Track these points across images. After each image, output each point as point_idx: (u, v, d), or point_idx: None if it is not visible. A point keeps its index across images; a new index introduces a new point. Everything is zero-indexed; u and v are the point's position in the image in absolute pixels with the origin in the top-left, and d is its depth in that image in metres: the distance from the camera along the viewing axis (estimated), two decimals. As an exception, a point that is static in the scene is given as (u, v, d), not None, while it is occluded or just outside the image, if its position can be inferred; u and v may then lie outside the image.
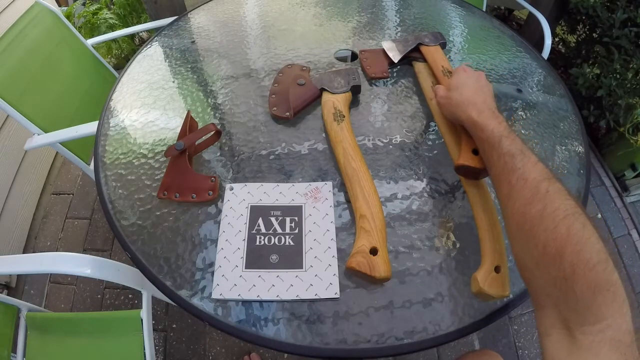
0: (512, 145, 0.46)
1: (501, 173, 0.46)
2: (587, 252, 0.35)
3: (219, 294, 0.51)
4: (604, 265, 0.34)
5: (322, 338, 0.49)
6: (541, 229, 0.38)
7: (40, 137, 0.99)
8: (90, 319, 0.91)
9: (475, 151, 0.56)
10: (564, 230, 0.36)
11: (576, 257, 0.35)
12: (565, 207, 0.38)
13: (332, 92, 0.71)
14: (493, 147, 0.48)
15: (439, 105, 0.64)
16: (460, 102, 0.57)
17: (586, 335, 0.32)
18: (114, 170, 0.66)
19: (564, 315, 0.35)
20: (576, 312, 0.34)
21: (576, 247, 0.35)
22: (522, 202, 0.41)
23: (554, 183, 0.41)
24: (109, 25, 2.03)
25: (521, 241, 0.40)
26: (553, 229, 0.37)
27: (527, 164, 0.44)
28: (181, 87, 0.81)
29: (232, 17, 0.99)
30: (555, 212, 0.38)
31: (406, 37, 0.84)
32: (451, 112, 0.60)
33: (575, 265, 0.34)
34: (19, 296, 1.37)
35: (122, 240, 0.58)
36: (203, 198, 0.60)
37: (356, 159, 0.60)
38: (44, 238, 1.55)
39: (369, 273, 0.48)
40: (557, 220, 0.37)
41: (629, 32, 1.42)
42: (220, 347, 1.27)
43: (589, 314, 0.33)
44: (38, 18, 1.07)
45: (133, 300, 1.38)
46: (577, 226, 0.36)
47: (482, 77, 0.62)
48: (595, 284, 0.33)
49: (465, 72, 0.62)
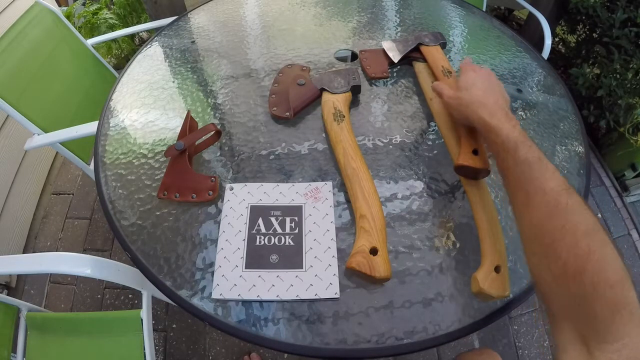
0: (529, 153, 0.45)
1: (517, 181, 0.45)
2: (608, 270, 0.34)
3: (219, 294, 0.51)
4: (623, 284, 0.34)
5: (322, 338, 0.49)
6: (562, 244, 0.37)
7: (40, 137, 0.99)
8: (90, 319, 0.91)
9: (475, 151, 0.56)
10: (585, 247, 0.36)
11: (597, 276, 0.34)
12: (587, 222, 0.37)
13: (332, 92, 0.71)
14: (508, 153, 0.47)
15: (447, 105, 0.61)
16: (470, 103, 0.55)
17: (604, 353, 0.32)
18: (114, 170, 0.66)
19: (582, 332, 0.34)
20: (595, 330, 0.33)
21: (597, 265, 0.35)
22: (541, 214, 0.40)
23: (573, 195, 0.40)
24: (109, 25, 2.03)
25: (539, 255, 0.40)
26: (575, 245, 0.36)
27: (545, 173, 0.43)
28: (181, 87, 0.81)
29: (232, 17, 0.99)
30: (577, 227, 0.37)
31: (406, 37, 0.84)
32: (461, 113, 0.57)
33: (596, 284, 0.34)
34: (19, 296, 1.37)
35: (122, 240, 0.58)
36: (203, 198, 0.60)
37: (356, 159, 0.60)
38: (44, 238, 1.55)
39: (369, 273, 0.48)
40: (579, 236, 0.37)
41: (629, 32, 1.42)
42: (220, 347, 1.27)
43: (607, 333, 0.32)
44: (38, 18, 1.07)
45: (133, 300, 1.38)
46: (598, 243, 0.36)
47: (492, 76, 0.60)
48: (615, 302, 0.33)
49: (475, 72, 0.60)
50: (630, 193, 1.72)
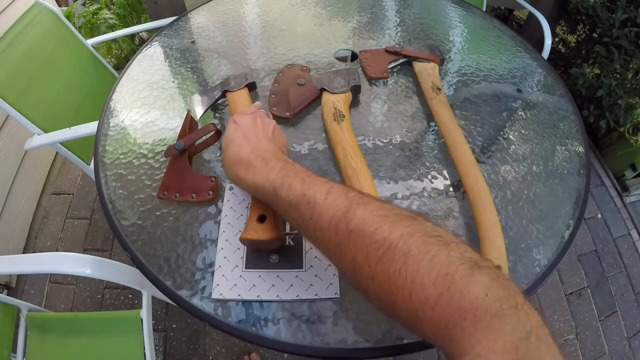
0: (290, 192, 0.39)
1: (300, 227, 0.39)
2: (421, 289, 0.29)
3: (219, 294, 0.51)
4: (448, 295, 0.28)
5: (322, 338, 0.49)
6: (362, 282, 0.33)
7: (40, 137, 0.99)
8: (90, 319, 0.91)
9: (262, 217, 0.49)
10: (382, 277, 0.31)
11: (408, 303, 0.30)
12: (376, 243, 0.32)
13: (332, 92, 0.71)
14: (277, 204, 0.40)
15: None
16: (228, 165, 0.48)
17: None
18: (114, 170, 0.66)
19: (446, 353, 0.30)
20: (445, 349, 0.29)
21: (404, 292, 0.30)
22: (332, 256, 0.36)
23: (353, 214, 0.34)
24: (109, 25, 2.03)
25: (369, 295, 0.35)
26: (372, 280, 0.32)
27: (315, 208, 0.36)
28: (181, 87, 0.81)
29: (232, 17, 0.99)
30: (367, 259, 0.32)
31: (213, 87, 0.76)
32: (232, 180, 0.49)
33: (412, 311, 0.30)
34: (19, 296, 1.37)
35: (122, 240, 0.58)
36: (203, 198, 0.60)
37: (356, 159, 0.60)
38: (44, 238, 1.55)
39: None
40: (372, 266, 0.32)
41: (629, 32, 1.42)
42: (220, 347, 1.27)
43: (455, 348, 0.28)
44: (38, 18, 1.07)
45: (133, 300, 1.38)
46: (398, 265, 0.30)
47: (256, 120, 0.51)
48: (445, 319, 0.28)
49: (235, 123, 0.51)
50: (630, 193, 1.73)
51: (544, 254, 0.57)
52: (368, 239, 0.32)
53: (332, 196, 0.36)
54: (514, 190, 0.63)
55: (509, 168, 0.66)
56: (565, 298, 1.48)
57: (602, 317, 1.46)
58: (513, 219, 0.60)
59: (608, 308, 1.49)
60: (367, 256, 0.32)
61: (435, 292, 0.29)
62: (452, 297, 0.28)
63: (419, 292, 0.29)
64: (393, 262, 0.31)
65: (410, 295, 0.29)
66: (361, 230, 0.33)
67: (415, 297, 0.29)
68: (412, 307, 0.30)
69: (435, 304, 0.28)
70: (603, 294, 1.51)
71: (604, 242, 1.64)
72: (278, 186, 0.40)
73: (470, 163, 0.60)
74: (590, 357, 1.37)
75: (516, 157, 0.68)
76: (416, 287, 0.29)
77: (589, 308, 1.47)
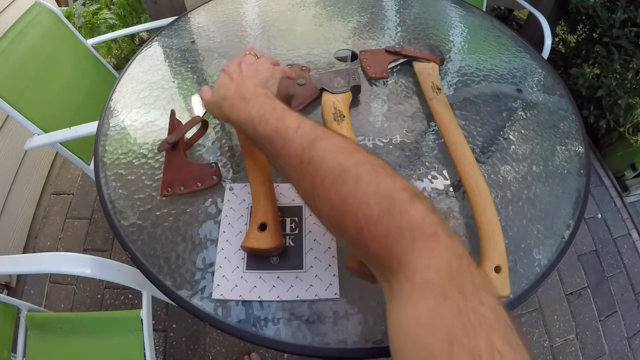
0: (267, 127, 0.42)
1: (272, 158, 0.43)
2: (367, 207, 0.33)
3: (220, 294, 0.51)
4: (390, 214, 0.32)
5: (322, 338, 0.49)
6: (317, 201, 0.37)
7: (40, 137, 0.99)
8: (90, 319, 0.91)
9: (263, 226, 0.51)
10: (335, 197, 0.34)
11: (355, 219, 0.33)
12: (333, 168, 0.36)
13: (332, 92, 0.71)
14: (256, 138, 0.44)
15: (211, 113, 0.57)
16: (215, 103, 0.52)
17: (400, 282, 0.30)
18: (114, 170, 0.66)
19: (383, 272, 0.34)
20: (386, 267, 0.32)
21: (352, 209, 0.33)
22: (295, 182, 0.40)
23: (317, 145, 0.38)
24: (109, 25, 2.03)
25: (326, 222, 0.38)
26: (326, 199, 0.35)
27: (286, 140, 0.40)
28: (181, 87, 0.81)
29: (232, 17, 0.99)
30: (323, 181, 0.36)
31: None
32: (220, 119, 0.55)
33: (357, 227, 0.33)
34: (19, 296, 1.37)
35: (122, 240, 0.58)
36: (209, 184, 0.60)
37: (356, 159, 0.60)
38: (44, 238, 1.55)
39: (370, 273, 0.48)
40: (327, 185, 0.35)
41: (629, 32, 1.42)
42: (220, 347, 1.27)
43: (395, 264, 0.31)
44: (38, 18, 1.07)
45: (133, 300, 1.38)
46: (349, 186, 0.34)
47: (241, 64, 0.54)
48: (386, 236, 0.31)
49: (222, 72, 0.55)
50: (630, 193, 1.73)
51: (544, 254, 0.57)
52: (326, 164, 0.36)
53: (302, 129, 0.40)
54: (514, 190, 0.63)
55: (509, 168, 0.66)
56: (565, 298, 1.48)
57: (602, 317, 1.46)
58: (513, 219, 0.60)
59: (608, 308, 1.49)
60: (324, 179, 0.36)
61: (379, 210, 0.32)
62: (392, 216, 0.32)
63: (365, 210, 0.33)
64: (345, 183, 0.35)
65: (357, 212, 0.33)
66: (321, 157, 0.37)
67: (362, 214, 0.33)
68: (358, 223, 0.33)
69: (377, 221, 0.32)
70: (603, 294, 1.51)
71: (604, 242, 1.64)
72: (257, 122, 0.44)
73: (470, 163, 0.60)
74: (590, 357, 1.37)
75: (516, 157, 0.68)
76: (363, 206, 0.33)
77: (589, 308, 1.47)
